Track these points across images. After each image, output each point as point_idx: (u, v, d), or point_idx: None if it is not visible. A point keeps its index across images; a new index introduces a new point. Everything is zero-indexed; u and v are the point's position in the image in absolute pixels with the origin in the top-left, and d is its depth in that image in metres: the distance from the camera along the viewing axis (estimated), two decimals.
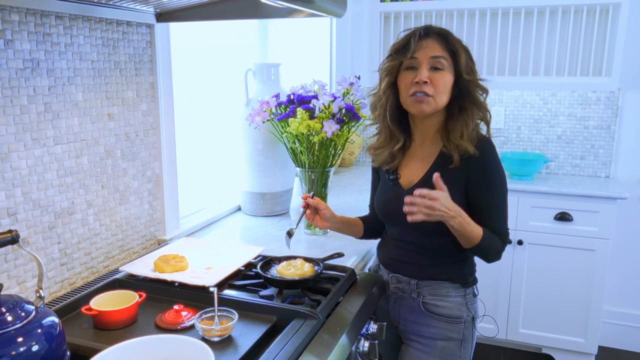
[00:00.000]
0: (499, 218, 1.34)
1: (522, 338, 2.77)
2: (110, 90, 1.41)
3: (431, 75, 1.28)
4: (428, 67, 1.28)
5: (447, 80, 1.29)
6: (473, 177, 1.30)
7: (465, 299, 1.38)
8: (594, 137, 2.89)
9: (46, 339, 0.85)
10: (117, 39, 1.42)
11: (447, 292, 1.37)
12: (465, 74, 1.29)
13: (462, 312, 1.37)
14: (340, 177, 2.79)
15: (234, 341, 1.08)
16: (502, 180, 1.33)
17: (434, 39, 1.29)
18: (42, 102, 1.21)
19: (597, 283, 2.58)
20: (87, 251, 1.39)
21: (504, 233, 1.35)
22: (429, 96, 1.28)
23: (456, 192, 1.29)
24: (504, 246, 1.35)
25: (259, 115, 1.76)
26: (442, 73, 1.28)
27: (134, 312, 1.15)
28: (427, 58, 1.28)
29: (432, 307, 1.37)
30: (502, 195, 1.34)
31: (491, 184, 1.31)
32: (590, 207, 2.55)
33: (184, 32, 1.86)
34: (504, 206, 1.34)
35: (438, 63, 1.28)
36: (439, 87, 1.28)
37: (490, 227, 1.32)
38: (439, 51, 1.28)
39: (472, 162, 1.29)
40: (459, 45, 1.30)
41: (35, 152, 1.21)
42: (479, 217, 1.31)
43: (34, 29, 1.17)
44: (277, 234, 1.81)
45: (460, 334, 1.37)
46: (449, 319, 1.36)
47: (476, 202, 1.32)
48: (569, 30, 2.70)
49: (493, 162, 1.31)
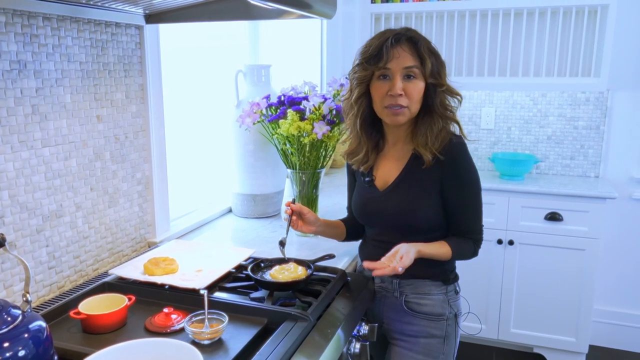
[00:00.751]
0: (471, 218, 1.36)
1: (514, 338, 2.79)
2: (99, 92, 1.40)
3: (405, 86, 1.29)
4: (401, 77, 1.29)
5: (420, 88, 1.30)
6: (446, 178, 1.32)
7: (447, 296, 1.39)
8: (583, 138, 2.91)
9: (33, 344, 0.84)
10: (106, 40, 1.41)
11: (429, 290, 1.38)
12: (430, 78, 1.29)
13: (444, 310, 1.38)
14: (331, 178, 2.79)
15: (224, 344, 1.08)
16: (474, 180, 1.35)
17: (406, 46, 1.29)
18: (30, 104, 1.20)
19: (587, 282, 2.60)
20: (76, 254, 1.38)
21: (476, 231, 1.37)
22: (404, 107, 1.30)
23: (431, 191, 1.32)
24: (477, 245, 1.38)
25: (250, 117, 1.76)
26: (415, 82, 1.29)
27: (123, 316, 1.14)
28: (400, 68, 1.28)
29: (414, 305, 1.38)
30: (475, 195, 1.35)
31: (463, 184, 1.33)
32: (580, 207, 2.57)
33: (173, 34, 1.85)
34: (477, 206, 1.36)
35: (411, 72, 1.29)
36: (413, 96, 1.30)
37: (462, 227, 1.35)
38: (411, 60, 1.28)
39: (445, 163, 1.30)
40: (427, 50, 1.30)
41: (22, 155, 1.19)
42: (452, 217, 1.34)
43: (20, 30, 1.16)
44: (269, 235, 1.81)
45: (443, 331, 1.38)
46: (431, 316, 1.38)
47: (450, 202, 1.34)
48: (558, 32, 2.72)
49: (465, 163, 1.32)
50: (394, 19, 2.94)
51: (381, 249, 1.41)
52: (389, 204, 1.37)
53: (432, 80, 1.29)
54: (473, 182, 1.34)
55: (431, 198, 1.32)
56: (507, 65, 2.83)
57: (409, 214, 1.34)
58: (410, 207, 1.33)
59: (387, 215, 1.36)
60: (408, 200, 1.33)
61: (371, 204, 1.40)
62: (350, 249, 1.64)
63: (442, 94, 1.32)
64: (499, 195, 2.65)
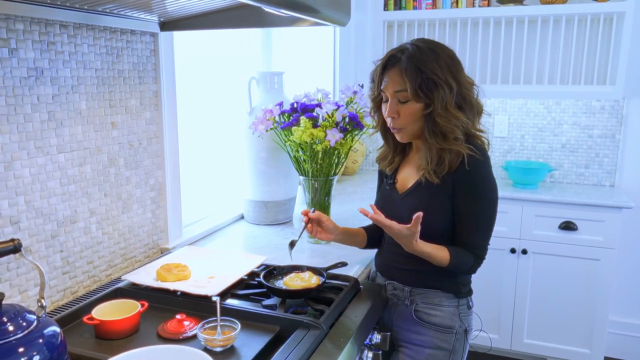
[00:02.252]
0: (476, 231, 1.32)
1: (527, 348, 2.75)
2: (114, 98, 1.41)
3: (399, 108, 1.30)
4: (396, 101, 1.30)
5: (413, 110, 1.29)
6: (458, 187, 1.30)
7: (458, 309, 1.37)
8: (598, 146, 2.88)
9: (47, 349, 0.84)
10: (121, 47, 1.42)
11: (440, 301, 1.36)
12: (417, 98, 1.26)
13: (454, 323, 1.36)
14: (343, 185, 2.79)
15: (236, 351, 1.08)
16: (489, 196, 1.31)
17: (394, 70, 1.28)
18: (46, 110, 1.21)
19: (602, 293, 2.56)
20: (90, 260, 1.38)
21: (479, 247, 1.33)
22: (402, 128, 1.32)
23: (444, 199, 1.31)
24: (477, 262, 1.34)
25: (263, 124, 1.76)
26: (407, 105, 1.29)
27: (135, 322, 1.14)
28: (391, 92, 1.30)
29: (423, 315, 1.37)
30: (486, 210, 1.32)
31: (475, 196, 1.30)
32: (595, 217, 2.54)
33: (187, 41, 1.86)
34: (486, 221, 1.32)
35: (400, 96, 1.29)
36: (407, 118, 1.30)
37: (466, 238, 1.32)
38: (399, 84, 1.27)
39: (460, 172, 1.28)
40: (413, 70, 1.24)
41: (38, 161, 1.20)
42: (458, 227, 1.32)
43: (38, 37, 1.17)
44: (280, 242, 1.81)
45: (451, 345, 1.36)
46: (440, 327, 1.36)
47: (458, 212, 1.32)
48: (573, 39, 2.70)
49: (481, 176, 1.29)
50: (407, 27, 2.93)
51: (395, 255, 1.41)
52: (403, 207, 1.36)
53: (423, 101, 1.27)
54: (485, 198, 1.31)
55: (442, 205, 1.31)
56: (520, 73, 2.81)
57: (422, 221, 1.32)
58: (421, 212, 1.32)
59: (401, 218, 1.34)
60: (420, 206, 1.32)
61: (388, 207, 1.40)
62: (363, 257, 1.63)
63: (437, 115, 1.25)
64: (512, 204, 2.62)
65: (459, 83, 1.27)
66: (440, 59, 1.26)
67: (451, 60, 1.28)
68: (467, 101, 1.30)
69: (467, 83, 1.30)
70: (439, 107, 1.25)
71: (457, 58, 1.30)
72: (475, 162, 1.28)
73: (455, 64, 1.28)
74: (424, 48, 1.26)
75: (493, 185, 1.32)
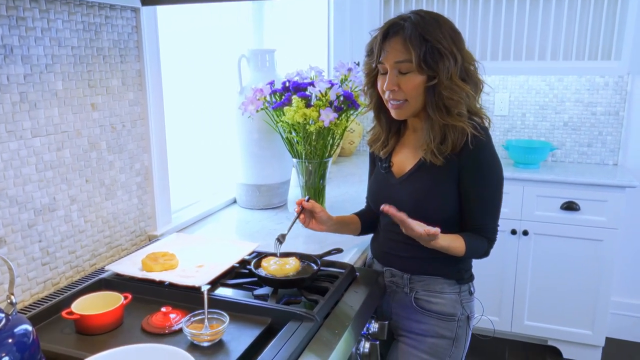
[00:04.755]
0: (486, 214, 1.27)
1: (528, 330, 2.71)
2: (93, 78, 1.33)
3: (400, 80, 1.20)
4: (396, 72, 1.20)
5: (416, 82, 1.19)
6: (464, 169, 1.23)
7: (460, 296, 1.32)
8: (601, 124, 2.80)
9: (18, 349, 0.78)
10: (100, 23, 1.33)
11: (441, 288, 1.31)
12: (421, 70, 1.17)
13: (455, 310, 1.31)
14: (339, 167, 2.71)
15: (225, 346, 1.02)
16: (496, 176, 1.26)
17: (397, 39, 1.19)
18: (17, 91, 1.13)
19: (605, 274, 2.51)
20: (72, 249, 1.31)
21: (491, 230, 1.29)
22: (405, 101, 1.22)
23: (447, 183, 1.24)
24: (490, 244, 1.29)
25: (253, 104, 1.68)
26: (409, 76, 1.19)
27: (118, 316, 1.08)
28: (391, 63, 1.20)
29: (424, 303, 1.32)
30: (494, 191, 1.26)
31: (482, 178, 1.24)
32: (598, 196, 2.47)
33: (172, 16, 1.77)
34: (494, 203, 1.28)
35: (402, 67, 1.19)
36: (408, 92, 1.21)
37: (476, 222, 1.27)
38: (401, 54, 1.18)
39: (464, 154, 1.21)
40: (418, 39, 1.16)
41: (10, 145, 1.13)
42: (468, 211, 1.26)
43: (5, 12, 1.09)
44: (274, 227, 1.74)
45: (453, 332, 1.31)
46: (442, 315, 1.31)
47: (466, 196, 1.25)
48: (576, 12, 2.60)
49: (486, 156, 1.23)
50: (404, 1, 2.83)
51: (393, 241, 1.34)
52: (403, 192, 1.29)
53: (426, 73, 1.18)
54: (492, 178, 1.25)
55: (447, 190, 1.24)
56: (522, 49, 2.71)
57: (423, 204, 1.26)
58: (424, 197, 1.25)
59: (400, 204, 1.27)
60: (422, 190, 1.25)
61: (385, 192, 1.34)
62: (359, 242, 1.56)
63: (442, 87, 1.18)
64: (513, 184, 2.56)
65: (463, 55, 1.19)
66: (444, 28, 1.18)
67: (453, 31, 1.20)
68: (470, 75, 1.22)
69: (469, 57, 1.22)
70: (444, 79, 1.17)
71: (458, 30, 1.22)
72: (480, 142, 1.21)
73: (457, 35, 1.20)
74: (426, 17, 1.18)
75: (499, 165, 1.26)
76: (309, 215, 1.37)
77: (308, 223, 1.37)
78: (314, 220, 1.37)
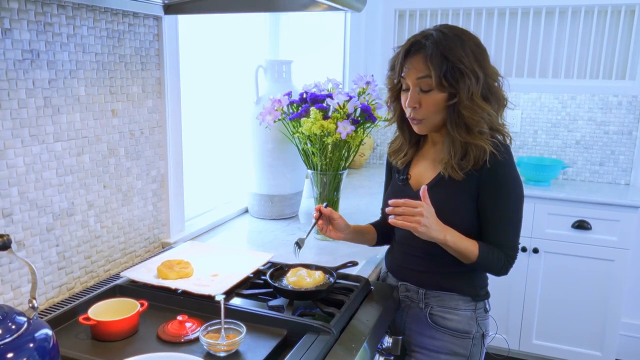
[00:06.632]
0: (506, 231, 1.25)
1: (536, 349, 2.68)
2: (115, 85, 1.34)
3: (421, 97, 1.20)
4: (417, 90, 1.20)
5: (436, 100, 1.19)
6: (484, 185, 1.22)
7: (475, 313, 1.30)
8: (614, 143, 2.79)
9: (38, 354, 0.78)
10: (123, 31, 1.34)
11: (457, 304, 1.29)
12: (441, 88, 1.17)
13: (471, 327, 1.29)
14: (350, 179, 2.71)
15: (241, 357, 1.01)
16: (516, 192, 1.24)
17: (418, 58, 1.18)
18: (42, 96, 1.14)
19: (615, 294, 2.49)
20: (87, 254, 1.31)
21: (511, 247, 1.26)
22: (422, 119, 1.23)
23: (466, 198, 1.23)
24: (509, 261, 1.26)
25: (270, 114, 1.68)
26: (430, 94, 1.19)
27: (134, 323, 1.08)
28: (413, 80, 1.20)
29: (439, 319, 1.30)
30: (514, 207, 1.25)
31: (502, 194, 1.22)
32: (610, 216, 2.46)
33: (192, 26, 1.78)
34: (514, 219, 1.26)
35: (423, 84, 1.19)
36: (429, 109, 1.21)
37: (495, 239, 1.24)
38: (422, 70, 1.18)
39: (485, 171, 1.20)
40: (439, 57, 1.15)
41: (33, 149, 1.13)
42: (486, 228, 1.25)
43: (34, 17, 1.10)
44: (286, 238, 1.74)
45: (468, 350, 1.30)
46: (456, 332, 1.29)
47: (485, 212, 1.24)
48: (591, 32, 2.60)
49: (507, 174, 1.22)
50: (419, 17, 2.84)
51: (408, 255, 1.33)
52: None
53: (447, 91, 1.18)
54: (512, 195, 1.23)
55: (465, 205, 1.23)
56: (536, 66, 2.72)
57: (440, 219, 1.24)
58: (441, 211, 1.24)
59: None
60: (440, 204, 1.24)
61: None
62: (373, 256, 1.56)
63: (463, 107, 1.17)
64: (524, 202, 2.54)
65: (486, 72, 1.18)
66: (467, 46, 1.17)
67: (477, 48, 1.19)
68: (493, 92, 1.21)
69: (494, 73, 1.21)
70: (465, 98, 1.16)
71: (483, 46, 1.21)
72: (501, 160, 1.20)
73: (481, 52, 1.19)
74: (449, 34, 1.17)
75: (519, 182, 1.25)
76: (327, 222, 1.36)
77: (325, 230, 1.36)
78: (331, 227, 1.36)
